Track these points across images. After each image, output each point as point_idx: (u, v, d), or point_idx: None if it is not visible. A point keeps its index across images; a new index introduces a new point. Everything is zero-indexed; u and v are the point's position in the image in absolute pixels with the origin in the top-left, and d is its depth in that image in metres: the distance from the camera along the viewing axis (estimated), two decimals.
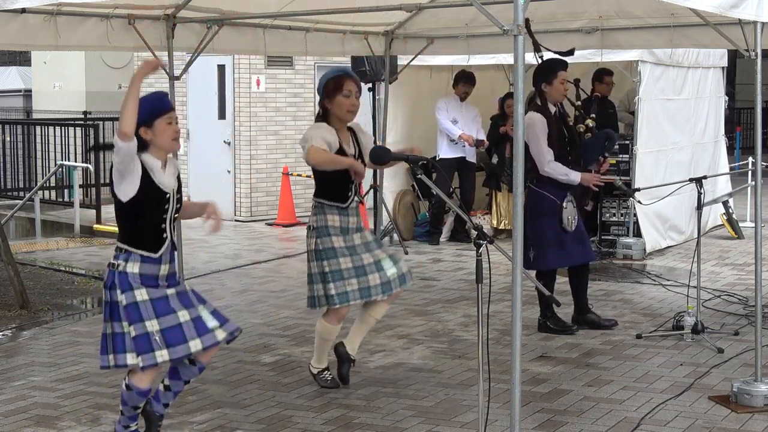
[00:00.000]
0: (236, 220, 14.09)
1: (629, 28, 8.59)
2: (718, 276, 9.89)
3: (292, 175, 13.85)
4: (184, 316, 5.04)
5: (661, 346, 7.26)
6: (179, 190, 5.17)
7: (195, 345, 5.03)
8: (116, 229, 5.17)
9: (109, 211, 14.55)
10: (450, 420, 5.67)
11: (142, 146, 4.95)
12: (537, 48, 7.62)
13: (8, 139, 17.44)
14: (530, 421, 5.62)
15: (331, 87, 6.04)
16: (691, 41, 8.51)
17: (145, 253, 5.01)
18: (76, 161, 15.22)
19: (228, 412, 5.83)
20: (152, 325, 4.95)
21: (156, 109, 5.02)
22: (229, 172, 14.17)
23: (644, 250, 10.90)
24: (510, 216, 11.79)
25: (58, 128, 16.22)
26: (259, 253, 11.55)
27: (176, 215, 5.16)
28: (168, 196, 5.04)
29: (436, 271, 10.38)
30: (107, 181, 14.34)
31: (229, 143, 14.14)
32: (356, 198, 6.19)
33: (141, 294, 4.96)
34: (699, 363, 6.79)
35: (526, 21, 7.59)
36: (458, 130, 11.76)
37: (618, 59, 10.87)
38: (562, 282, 8.06)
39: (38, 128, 17.08)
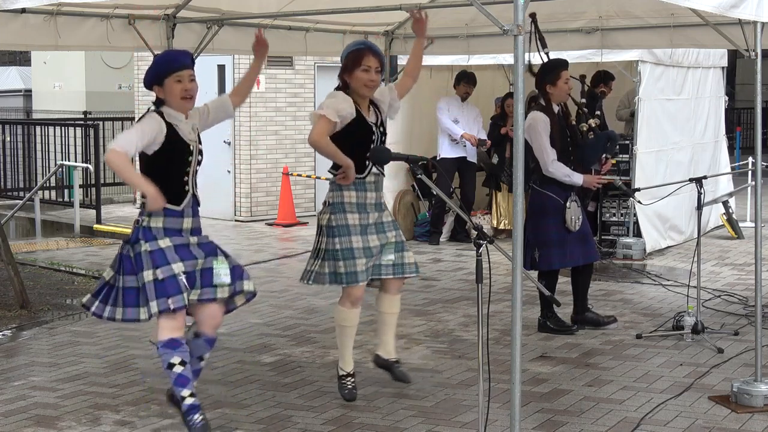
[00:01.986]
0: (236, 220, 14.10)
1: (629, 28, 8.60)
2: (718, 276, 9.89)
3: (292, 175, 13.85)
4: (199, 264, 5.17)
5: (661, 346, 7.26)
6: (200, 142, 5.30)
7: (195, 294, 5.13)
8: (116, 229, 5.23)
9: (109, 210, 14.58)
10: (450, 420, 5.67)
11: (161, 102, 5.17)
12: (543, 44, 7.64)
13: (8, 139, 17.45)
14: (530, 421, 5.62)
15: (351, 60, 5.89)
16: (691, 41, 8.52)
17: (168, 206, 5.12)
18: (76, 161, 15.22)
19: (228, 412, 5.83)
20: (178, 268, 5.06)
21: (164, 68, 5.20)
22: (229, 172, 14.17)
23: (644, 250, 10.91)
24: (510, 216, 11.79)
25: (58, 128, 16.23)
26: (259, 253, 11.55)
27: (198, 169, 5.28)
28: (191, 147, 5.16)
29: (436, 271, 10.38)
30: (107, 181, 14.34)
31: (229, 143, 14.14)
32: (375, 168, 5.96)
33: (165, 242, 5.10)
34: (699, 363, 6.79)
35: (533, 16, 7.65)
36: (460, 129, 11.76)
37: (618, 59, 10.87)
38: (562, 282, 8.06)
39: (38, 128, 17.09)
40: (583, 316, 7.79)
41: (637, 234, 11.00)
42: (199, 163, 5.29)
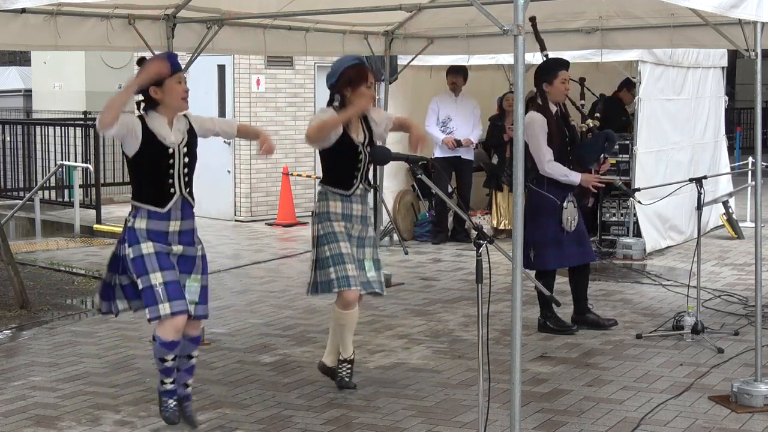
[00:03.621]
0: (236, 220, 14.10)
1: (629, 28, 8.60)
2: (718, 276, 9.89)
3: (292, 175, 13.85)
4: (177, 275, 5.24)
5: (661, 346, 7.26)
6: (189, 145, 5.31)
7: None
8: (116, 229, 5.26)
9: (109, 210, 14.58)
10: (450, 420, 5.67)
11: (152, 104, 5.19)
12: (542, 47, 7.65)
13: (8, 139, 17.43)
14: (530, 421, 5.62)
15: (354, 76, 5.91)
16: (691, 41, 8.51)
17: (152, 208, 5.20)
18: (76, 161, 15.22)
19: (228, 412, 5.83)
20: (156, 278, 5.13)
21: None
22: (229, 172, 14.17)
23: (644, 250, 10.90)
24: (510, 216, 11.79)
25: (58, 128, 16.22)
26: (259, 253, 11.55)
27: (187, 170, 5.29)
28: (171, 151, 5.16)
29: (436, 271, 10.37)
30: (107, 181, 14.34)
31: (229, 143, 14.14)
32: (362, 185, 6.08)
33: (147, 247, 5.16)
34: (699, 363, 6.80)
35: (533, 19, 7.65)
36: (441, 134, 11.77)
37: (618, 59, 10.87)
38: (562, 282, 8.06)
39: (38, 128, 17.07)
40: (584, 317, 7.79)
41: (637, 234, 11.00)
42: (187, 165, 5.30)
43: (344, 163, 6.00)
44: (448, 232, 12.12)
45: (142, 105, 5.27)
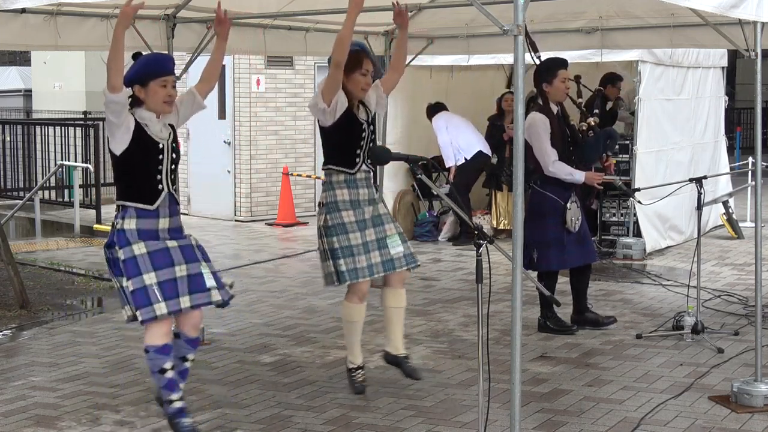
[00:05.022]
0: (236, 220, 14.10)
1: (629, 28, 8.60)
2: (718, 276, 9.89)
3: (292, 175, 13.85)
4: (181, 270, 5.10)
5: (661, 346, 7.26)
6: (175, 141, 5.24)
7: (185, 301, 5.07)
8: None
9: (109, 211, 14.57)
10: (450, 420, 5.67)
11: (138, 102, 5.11)
12: (534, 49, 7.64)
13: (8, 139, 17.44)
14: (530, 421, 5.62)
15: (350, 62, 5.90)
16: (691, 41, 8.51)
17: (141, 206, 5.08)
18: (76, 161, 15.22)
19: (228, 412, 5.83)
20: (150, 278, 5.00)
21: (151, 71, 5.15)
22: (229, 172, 14.17)
23: (644, 250, 10.91)
24: (510, 216, 11.79)
25: (58, 128, 16.23)
26: (259, 253, 11.55)
27: (173, 167, 5.21)
28: (161, 146, 5.12)
29: (436, 271, 10.37)
30: (107, 181, 14.33)
31: (229, 143, 14.14)
32: (365, 165, 6.02)
33: (139, 248, 5.03)
34: (699, 363, 6.80)
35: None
36: None
37: (618, 59, 10.87)
38: (562, 282, 8.05)
39: (38, 128, 17.08)
40: (583, 316, 7.79)
41: (637, 234, 11.00)
42: (174, 161, 5.23)
43: (348, 139, 5.95)
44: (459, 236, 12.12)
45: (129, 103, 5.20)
